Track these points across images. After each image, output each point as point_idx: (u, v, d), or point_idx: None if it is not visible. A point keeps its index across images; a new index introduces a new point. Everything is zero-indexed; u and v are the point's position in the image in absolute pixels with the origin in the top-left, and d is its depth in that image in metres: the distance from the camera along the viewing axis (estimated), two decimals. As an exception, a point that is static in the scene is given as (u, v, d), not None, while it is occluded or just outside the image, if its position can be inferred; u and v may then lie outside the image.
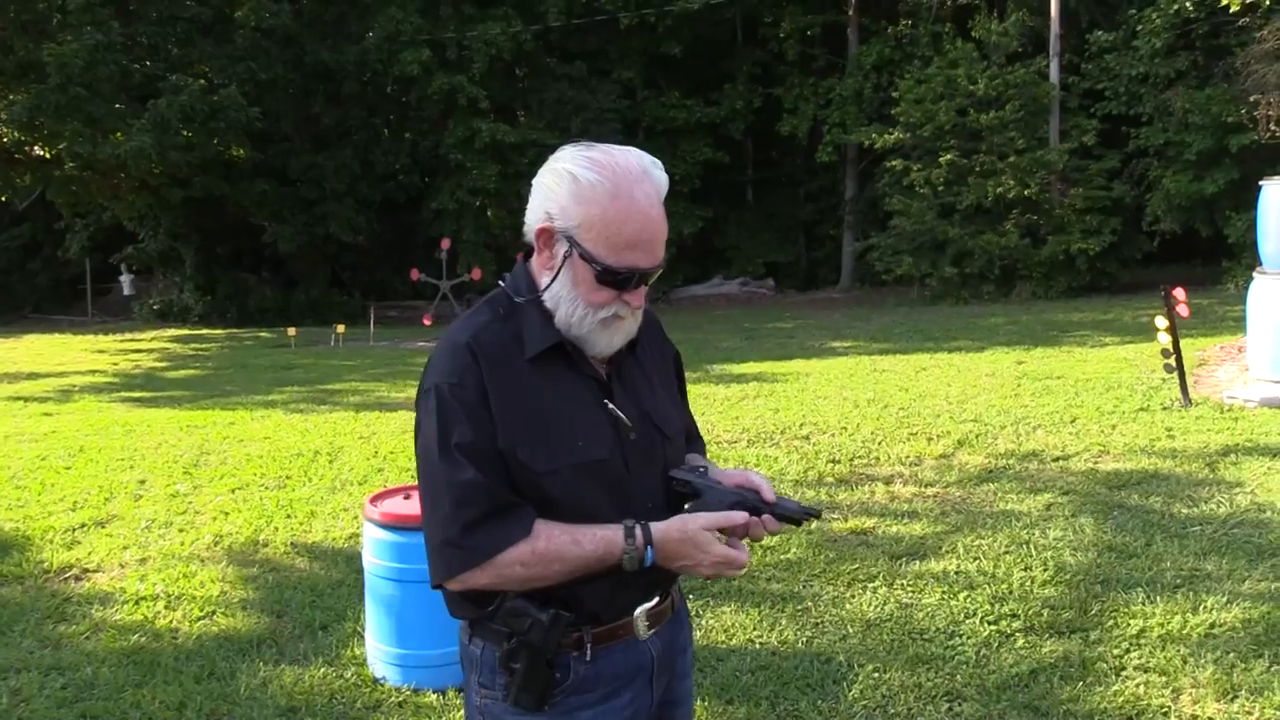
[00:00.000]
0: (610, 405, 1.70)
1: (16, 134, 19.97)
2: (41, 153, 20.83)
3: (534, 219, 1.67)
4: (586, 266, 1.62)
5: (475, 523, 1.59)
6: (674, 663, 1.85)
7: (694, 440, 1.96)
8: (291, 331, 17.14)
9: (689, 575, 1.72)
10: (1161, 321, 7.84)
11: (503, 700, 1.68)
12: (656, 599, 1.76)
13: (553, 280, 1.66)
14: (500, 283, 1.74)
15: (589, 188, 1.60)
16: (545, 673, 1.64)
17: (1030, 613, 4.11)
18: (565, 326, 1.66)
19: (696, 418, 7.65)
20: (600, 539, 1.62)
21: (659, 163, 1.68)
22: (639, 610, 1.73)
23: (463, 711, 3.59)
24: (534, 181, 1.67)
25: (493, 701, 1.71)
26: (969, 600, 4.26)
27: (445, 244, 18.94)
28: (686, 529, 1.65)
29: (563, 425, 1.65)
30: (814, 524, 5.34)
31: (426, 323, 17.68)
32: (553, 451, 1.63)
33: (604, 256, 1.61)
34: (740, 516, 1.67)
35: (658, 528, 1.65)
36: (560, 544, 1.60)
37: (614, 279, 1.63)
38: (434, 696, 3.64)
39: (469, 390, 1.61)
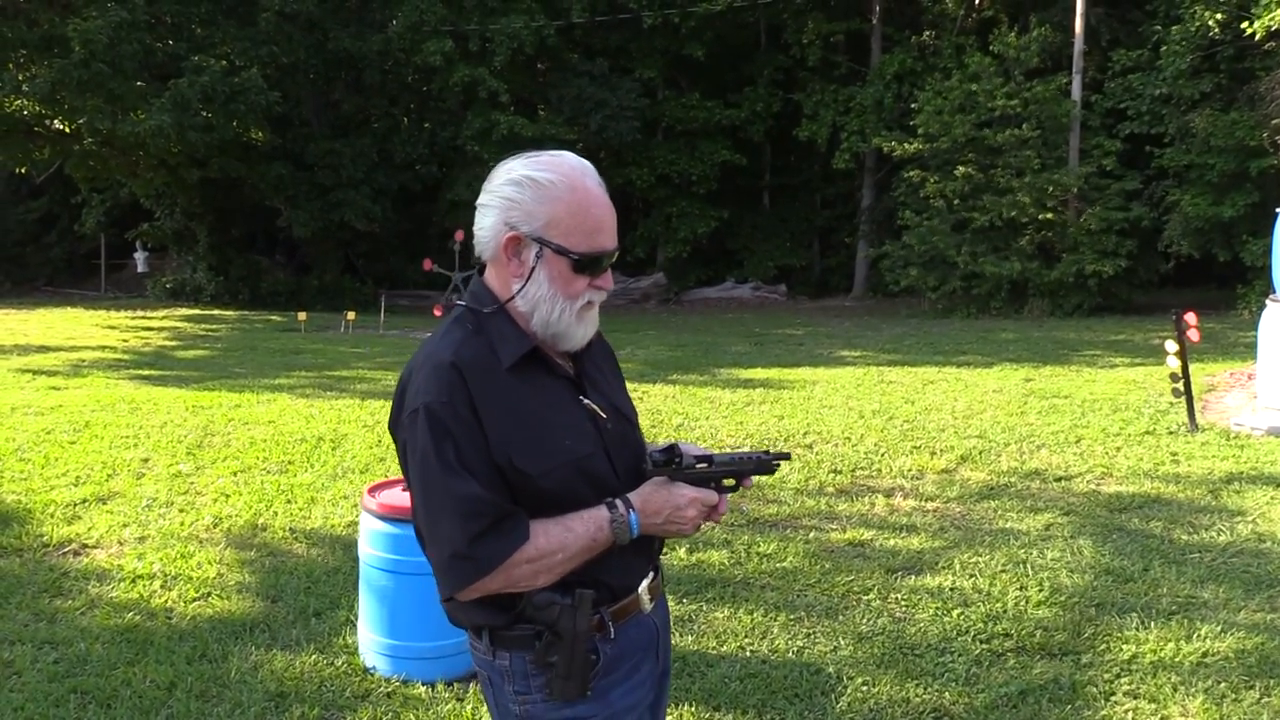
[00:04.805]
0: (586, 401, 1.80)
1: (37, 107, 20.00)
2: (61, 127, 20.88)
3: (494, 233, 1.74)
4: (560, 259, 1.72)
5: (482, 534, 1.64)
6: (667, 631, 1.97)
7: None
8: (302, 316, 17.19)
9: (678, 537, 1.84)
10: (1171, 345, 7.80)
11: (543, 700, 1.73)
12: (652, 573, 1.88)
13: (525, 284, 1.73)
14: (459, 303, 1.82)
15: (550, 187, 1.71)
16: (584, 657, 1.70)
17: (1023, 633, 4.09)
18: (543, 325, 1.74)
19: (702, 421, 7.68)
20: (589, 518, 1.71)
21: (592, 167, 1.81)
22: (642, 585, 1.83)
23: (451, 705, 3.59)
24: (481, 202, 1.76)
25: (533, 705, 1.75)
26: (962, 617, 4.25)
27: (459, 235, 18.91)
28: (657, 483, 1.78)
29: (550, 427, 1.73)
30: (811, 533, 5.34)
31: (438, 313, 17.67)
32: (546, 454, 1.70)
33: (575, 246, 1.72)
34: (713, 496, 1.81)
35: (634, 492, 1.77)
36: (556, 535, 1.68)
37: (587, 265, 1.73)
38: (423, 689, 3.65)
39: (460, 407, 1.66)
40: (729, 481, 1.85)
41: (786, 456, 1.93)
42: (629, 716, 1.79)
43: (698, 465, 1.80)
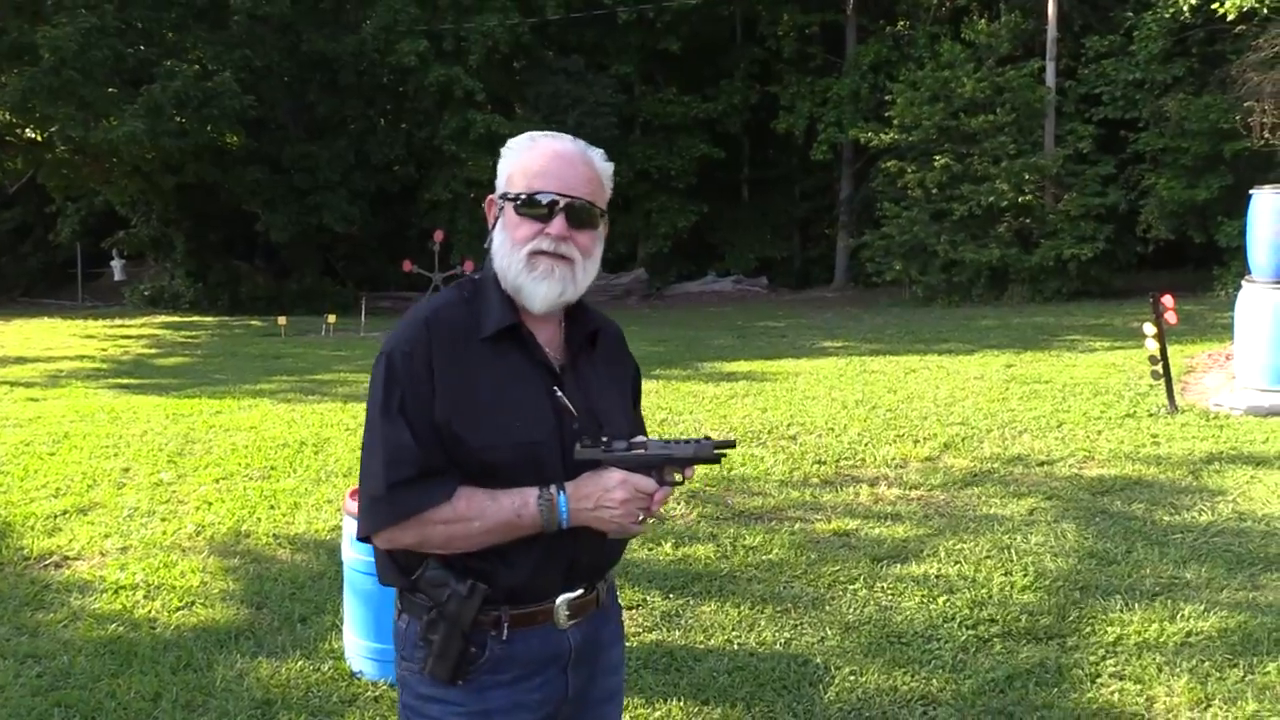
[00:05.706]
0: (559, 394, 1.78)
1: (8, 116, 19.83)
2: (33, 136, 20.70)
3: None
4: (509, 206, 1.79)
5: (402, 483, 1.69)
6: (596, 657, 1.89)
7: None
8: (282, 320, 17.08)
9: (619, 534, 1.77)
10: (1150, 328, 7.86)
11: (419, 671, 1.77)
12: (581, 590, 1.83)
13: (491, 239, 1.82)
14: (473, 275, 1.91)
15: (513, 148, 1.83)
16: (460, 645, 1.71)
17: (1009, 618, 4.12)
18: (503, 276, 1.78)
19: (685, 416, 7.62)
20: (516, 494, 1.71)
21: (601, 152, 1.86)
22: (561, 599, 1.80)
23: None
24: None
25: (410, 673, 1.81)
26: (948, 604, 4.27)
27: (439, 235, 18.86)
28: (592, 471, 1.74)
29: (502, 406, 1.74)
30: (796, 524, 5.35)
31: (418, 314, 17.59)
32: (487, 429, 1.72)
33: (515, 188, 1.79)
34: (649, 483, 1.74)
35: (571, 481, 1.74)
36: (478, 501, 1.70)
37: (527, 207, 1.77)
38: (411, 692, 3.63)
39: (417, 361, 1.72)
40: (677, 476, 1.78)
41: (731, 444, 1.86)
42: (503, 718, 1.77)
43: (633, 450, 1.76)
